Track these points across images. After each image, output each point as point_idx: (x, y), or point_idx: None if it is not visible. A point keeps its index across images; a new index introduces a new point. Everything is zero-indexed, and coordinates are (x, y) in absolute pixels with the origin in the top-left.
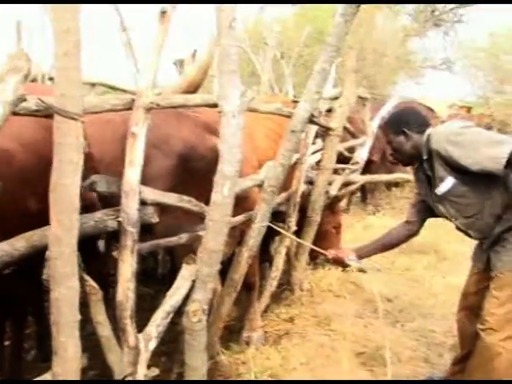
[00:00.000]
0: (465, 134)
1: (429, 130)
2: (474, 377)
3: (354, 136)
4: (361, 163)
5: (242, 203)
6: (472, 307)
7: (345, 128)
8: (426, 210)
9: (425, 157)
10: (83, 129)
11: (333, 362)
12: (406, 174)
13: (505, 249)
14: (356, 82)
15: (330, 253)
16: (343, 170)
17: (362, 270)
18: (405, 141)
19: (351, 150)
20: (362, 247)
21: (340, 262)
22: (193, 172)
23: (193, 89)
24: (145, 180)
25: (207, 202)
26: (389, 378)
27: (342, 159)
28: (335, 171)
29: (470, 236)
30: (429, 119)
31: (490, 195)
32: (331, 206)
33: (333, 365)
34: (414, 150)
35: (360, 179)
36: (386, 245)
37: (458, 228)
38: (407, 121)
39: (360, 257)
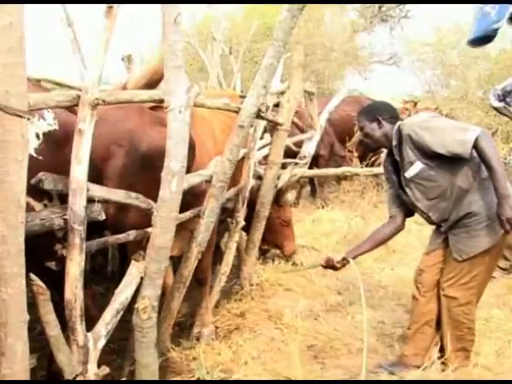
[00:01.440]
0: (434, 121)
1: (399, 122)
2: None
3: (302, 131)
4: (308, 157)
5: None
6: (423, 281)
7: (293, 123)
8: (403, 202)
9: (394, 143)
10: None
11: (284, 356)
12: (354, 168)
13: (469, 235)
14: (303, 77)
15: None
16: (295, 164)
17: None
18: (377, 128)
19: (299, 144)
20: (354, 248)
21: (331, 266)
22: (154, 171)
23: (157, 76)
24: (104, 178)
25: None
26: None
27: (290, 154)
28: (283, 166)
29: (429, 219)
30: (399, 113)
31: (453, 180)
32: (277, 199)
33: (284, 358)
34: (384, 138)
35: (307, 173)
36: (376, 241)
37: (420, 211)
38: (382, 110)
39: (353, 257)
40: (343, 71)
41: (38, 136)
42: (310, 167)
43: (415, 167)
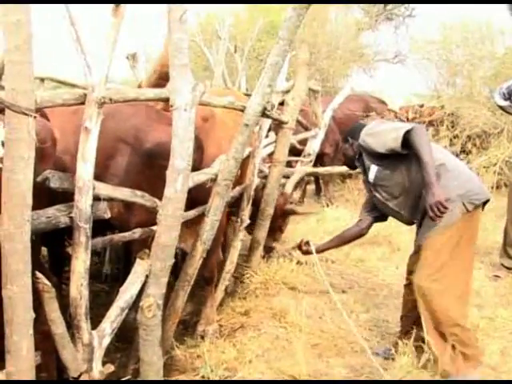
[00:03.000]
0: (377, 127)
1: None
2: (425, 317)
3: (306, 129)
4: (313, 155)
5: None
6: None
7: (298, 121)
8: (374, 208)
9: (357, 156)
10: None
11: (288, 354)
12: None
13: (428, 221)
14: (308, 75)
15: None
16: (296, 162)
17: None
18: (348, 147)
19: (303, 142)
20: (323, 243)
21: (299, 248)
22: (160, 169)
23: (166, 68)
24: (109, 175)
25: None
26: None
27: (295, 152)
28: (288, 164)
29: (402, 218)
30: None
31: (407, 176)
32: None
33: (288, 357)
34: (355, 155)
35: (311, 171)
36: (340, 240)
37: (393, 211)
38: (353, 131)
39: (317, 250)
40: (348, 69)
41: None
42: (315, 165)
43: (372, 171)
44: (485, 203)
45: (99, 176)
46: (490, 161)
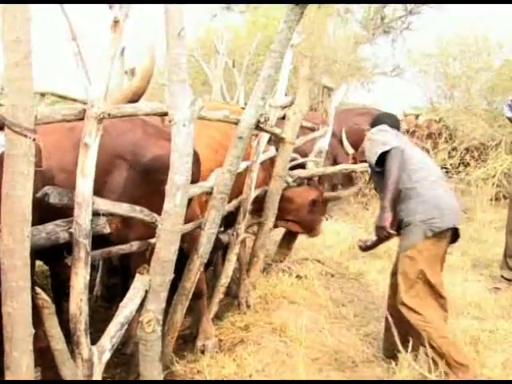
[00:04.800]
0: (377, 134)
1: None
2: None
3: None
4: (323, 153)
5: None
6: (393, 284)
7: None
8: None
9: None
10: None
11: (288, 369)
12: (351, 165)
13: (405, 234)
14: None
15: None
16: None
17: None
18: (366, 139)
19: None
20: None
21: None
22: (158, 184)
23: (137, 97)
24: (106, 190)
25: None
26: None
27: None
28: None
29: None
30: (387, 122)
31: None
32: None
33: (289, 371)
34: None
35: (305, 173)
36: None
37: None
38: (374, 122)
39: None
40: (346, 83)
41: None
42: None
43: (369, 172)
44: (456, 232)
45: (97, 191)
46: (488, 173)
